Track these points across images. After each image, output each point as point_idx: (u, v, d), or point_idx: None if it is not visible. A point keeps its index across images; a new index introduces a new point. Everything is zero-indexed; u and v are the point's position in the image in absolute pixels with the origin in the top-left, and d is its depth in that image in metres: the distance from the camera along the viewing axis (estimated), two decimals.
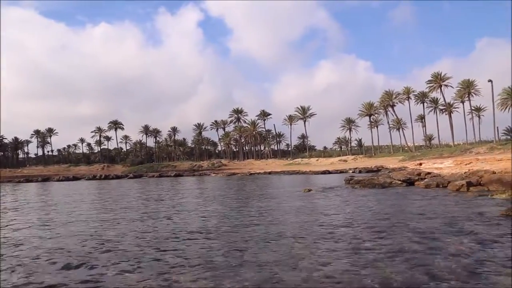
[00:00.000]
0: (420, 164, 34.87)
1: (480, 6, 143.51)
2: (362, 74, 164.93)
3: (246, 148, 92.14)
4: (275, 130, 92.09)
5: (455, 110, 66.93)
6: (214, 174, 55.44)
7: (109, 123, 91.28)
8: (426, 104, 70.62)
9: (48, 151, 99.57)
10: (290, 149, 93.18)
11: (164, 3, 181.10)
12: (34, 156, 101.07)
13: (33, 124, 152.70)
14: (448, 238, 6.46)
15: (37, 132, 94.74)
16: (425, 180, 17.92)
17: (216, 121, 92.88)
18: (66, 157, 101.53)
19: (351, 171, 44.42)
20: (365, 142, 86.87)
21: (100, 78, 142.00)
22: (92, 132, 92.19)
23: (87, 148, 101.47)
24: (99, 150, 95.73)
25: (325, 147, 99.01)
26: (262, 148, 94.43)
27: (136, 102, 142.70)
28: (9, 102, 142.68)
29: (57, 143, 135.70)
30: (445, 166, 28.64)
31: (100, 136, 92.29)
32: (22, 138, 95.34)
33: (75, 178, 54.24)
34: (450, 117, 66.54)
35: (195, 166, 70.55)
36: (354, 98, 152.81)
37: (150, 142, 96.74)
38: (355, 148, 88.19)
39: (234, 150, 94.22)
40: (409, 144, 73.33)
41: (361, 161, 63.40)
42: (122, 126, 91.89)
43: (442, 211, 9.55)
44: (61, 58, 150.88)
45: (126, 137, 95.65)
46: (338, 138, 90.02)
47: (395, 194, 14.75)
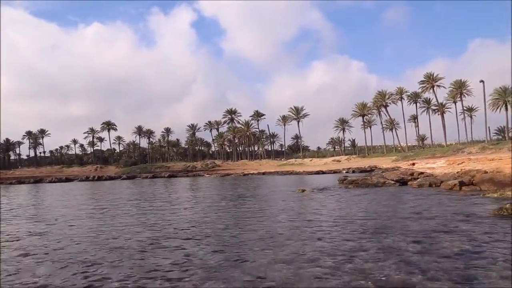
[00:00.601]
0: (413, 164, 35.13)
1: (473, 7, 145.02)
2: (355, 74, 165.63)
3: (240, 148, 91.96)
4: (269, 130, 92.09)
5: (448, 110, 67.61)
6: (208, 175, 55.16)
7: (102, 124, 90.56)
8: (418, 104, 71.26)
9: (40, 153, 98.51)
10: (284, 149, 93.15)
11: (157, 3, 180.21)
12: (26, 157, 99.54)
13: (24, 125, 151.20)
14: (440, 238, 6.44)
15: (29, 133, 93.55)
16: (418, 180, 17.98)
17: (209, 121, 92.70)
18: (59, 158, 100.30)
19: (345, 171, 44.52)
20: (358, 142, 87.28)
21: (92, 79, 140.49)
22: (84, 133, 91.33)
23: (80, 149, 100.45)
24: (92, 151, 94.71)
25: (318, 148, 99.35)
26: (256, 148, 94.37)
27: (129, 102, 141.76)
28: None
29: (49, 144, 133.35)
30: (437, 166, 28.88)
31: (93, 137, 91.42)
32: (13, 139, 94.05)
33: (68, 180, 53.57)
34: (442, 117, 67.17)
35: (189, 167, 70.18)
36: (347, 99, 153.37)
37: (144, 143, 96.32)
38: (349, 148, 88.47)
39: (228, 150, 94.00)
40: (402, 144, 73.80)
41: (354, 161, 63.62)
42: (115, 127, 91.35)
43: (435, 211, 9.55)
44: (53, 58, 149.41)
45: (119, 138, 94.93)
46: (331, 138, 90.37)
47: (388, 194, 14.78)
